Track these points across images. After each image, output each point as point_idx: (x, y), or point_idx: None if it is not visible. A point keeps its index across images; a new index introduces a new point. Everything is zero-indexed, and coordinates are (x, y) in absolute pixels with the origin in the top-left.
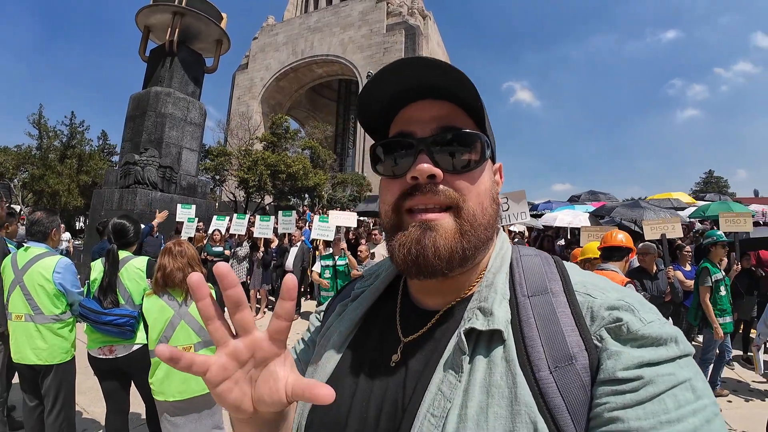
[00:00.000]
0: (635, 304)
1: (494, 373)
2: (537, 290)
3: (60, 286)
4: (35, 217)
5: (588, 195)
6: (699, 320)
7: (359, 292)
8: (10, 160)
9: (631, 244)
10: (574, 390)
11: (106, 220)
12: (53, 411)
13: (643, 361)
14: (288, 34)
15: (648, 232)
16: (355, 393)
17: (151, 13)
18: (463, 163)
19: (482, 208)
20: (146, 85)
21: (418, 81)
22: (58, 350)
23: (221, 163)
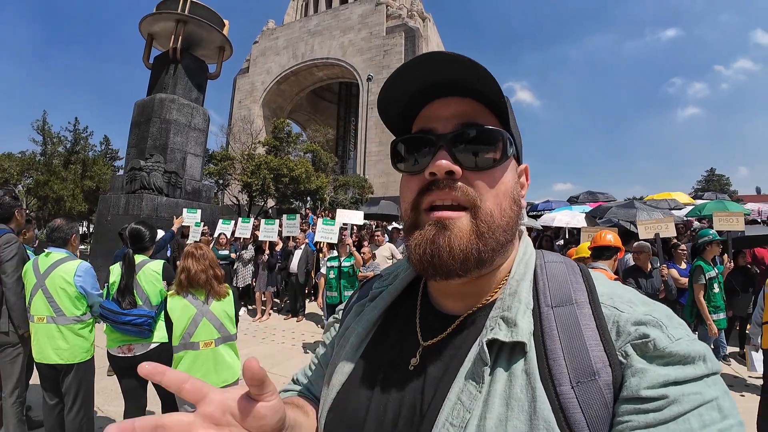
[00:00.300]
0: (663, 320)
1: (515, 386)
2: (561, 301)
3: (81, 289)
4: (55, 224)
5: (586, 195)
6: (694, 317)
7: (377, 292)
8: (14, 166)
9: (620, 244)
10: (596, 406)
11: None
12: (73, 408)
13: (669, 380)
14: (288, 37)
15: (642, 231)
16: (372, 395)
17: (155, 21)
18: (484, 160)
19: (501, 209)
20: (150, 91)
21: (438, 76)
22: (78, 350)
23: (225, 167)
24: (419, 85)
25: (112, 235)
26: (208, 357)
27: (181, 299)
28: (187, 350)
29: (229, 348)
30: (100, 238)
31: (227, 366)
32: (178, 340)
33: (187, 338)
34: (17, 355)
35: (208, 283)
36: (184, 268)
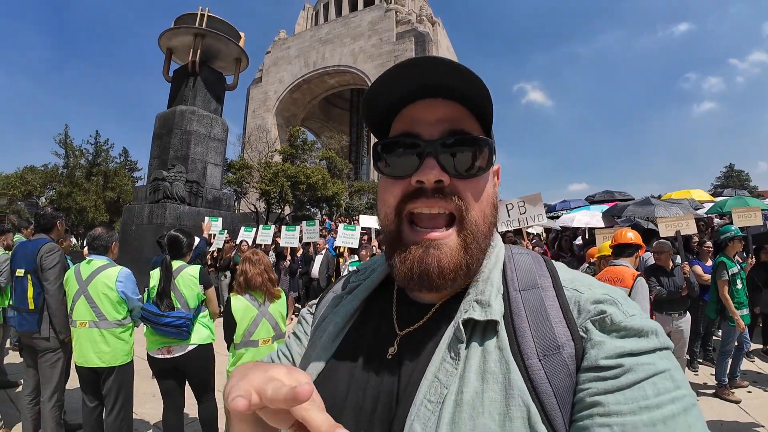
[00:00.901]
0: (619, 299)
1: (489, 361)
2: (528, 285)
3: (122, 294)
4: (96, 232)
5: (604, 194)
6: (717, 314)
7: (355, 285)
8: (37, 179)
9: (640, 241)
10: (561, 376)
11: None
12: (114, 410)
13: (625, 351)
14: (300, 46)
15: (663, 229)
16: (350, 383)
17: (174, 35)
18: (471, 169)
19: (484, 216)
20: (171, 104)
21: (428, 80)
22: (120, 353)
23: (243, 176)
24: (407, 88)
25: (137, 243)
26: (265, 353)
27: (243, 299)
28: (248, 348)
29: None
30: (124, 247)
31: None
32: (240, 338)
33: (248, 336)
34: (57, 360)
35: (264, 285)
36: (242, 271)
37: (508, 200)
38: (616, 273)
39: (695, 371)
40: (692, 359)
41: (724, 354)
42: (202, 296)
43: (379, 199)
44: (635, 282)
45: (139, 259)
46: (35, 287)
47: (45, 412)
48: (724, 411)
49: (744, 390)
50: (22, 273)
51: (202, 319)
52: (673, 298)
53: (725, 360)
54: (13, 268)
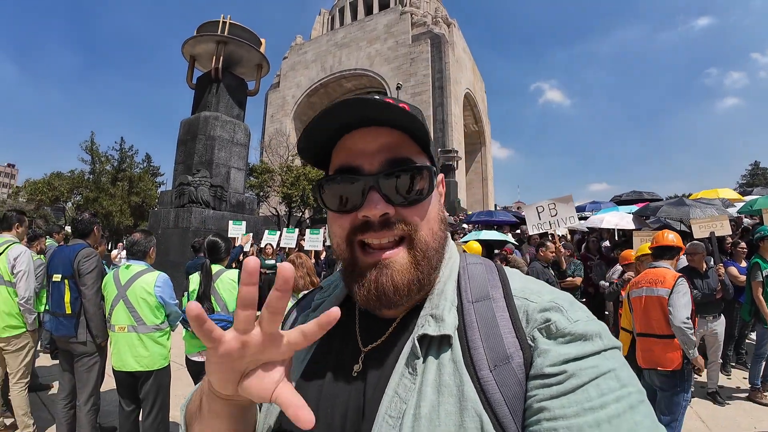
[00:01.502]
0: (564, 305)
1: (444, 374)
2: (480, 296)
3: (160, 299)
4: (135, 238)
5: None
6: (751, 316)
7: (319, 302)
8: (64, 185)
9: (681, 244)
10: (512, 386)
11: (202, 238)
12: (151, 414)
13: (569, 357)
14: (316, 51)
15: (697, 230)
16: (319, 400)
17: (197, 43)
18: (414, 196)
19: (432, 233)
20: (195, 110)
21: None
22: (158, 357)
23: (265, 180)
24: (338, 123)
25: (164, 247)
26: None
27: None
28: None
29: None
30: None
31: None
32: None
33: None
34: (94, 364)
35: (306, 288)
36: None
37: (539, 202)
38: (657, 274)
39: (728, 375)
40: (725, 362)
41: (758, 357)
42: None
43: (329, 230)
44: (676, 282)
45: (165, 262)
46: (72, 292)
47: (81, 416)
48: (758, 414)
49: None
50: (59, 278)
51: None
52: (707, 300)
53: (759, 363)
54: (49, 273)
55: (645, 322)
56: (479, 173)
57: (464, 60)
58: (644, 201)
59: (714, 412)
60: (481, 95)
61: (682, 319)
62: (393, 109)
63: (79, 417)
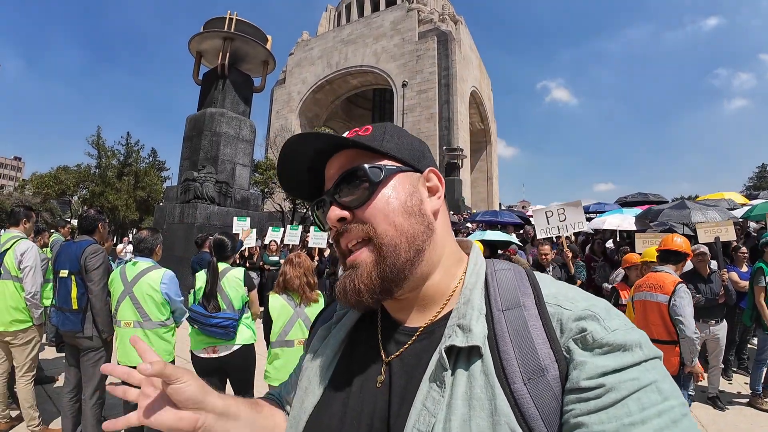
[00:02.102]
0: (601, 312)
1: (474, 387)
2: (510, 304)
3: (166, 296)
4: (141, 235)
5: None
6: (753, 321)
7: (342, 313)
8: (71, 179)
9: (689, 250)
10: (547, 399)
11: (205, 234)
12: None
13: (607, 369)
14: (322, 48)
15: (702, 235)
16: (345, 414)
17: (203, 39)
18: (359, 195)
19: (395, 226)
20: (201, 106)
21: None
22: (163, 352)
23: (270, 176)
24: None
25: (169, 243)
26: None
27: (280, 299)
28: (283, 347)
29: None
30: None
31: None
32: (276, 336)
33: (283, 336)
34: (99, 359)
35: (301, 288)
36: (282, 272)
37: (548, 207)
38: (658, 279)
39: (729, 380)
40: (726, 367)
41: (759, 363)
42: (245, 298)
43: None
44: (675, 288)
45: (170, 258)
46: (79, 288)
47: (86, 409)
48: (758, 420)
49: None
50: (66, 274)
51: (245, 320)
52: (710, 305)
53: (760, 369)
54: (56, 268)
55: (644, 326)
56: (484, 171)
57: (471, 58)
58: (649, 203)
59: (714, 417)
60: (488, 93)
61: (693, 329)
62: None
63: (84, 410)
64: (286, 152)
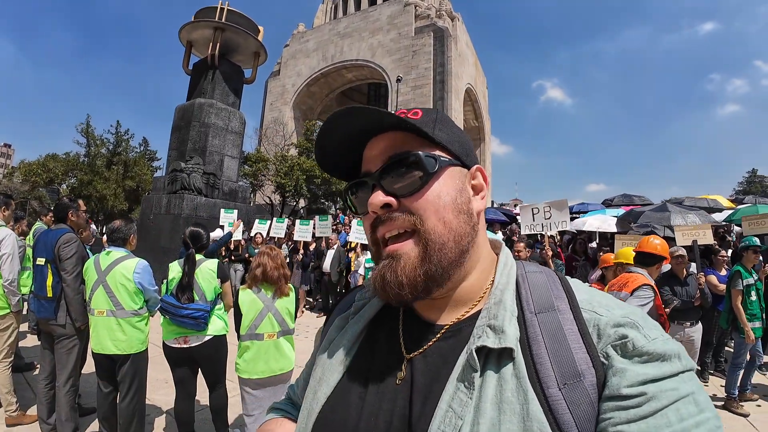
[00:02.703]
0: (639, 321)
1: (505, 390)
2: (544, 307)
3: (139, 285)
4: (115, 225)
5: (622, 198)
6: (729, 324)
7: (361, 304)
8: (59, 167)
9: (666, 254)
10: (583, 406)
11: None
12: (127, 396)
13: (648, 378)
14: (318, 40)
15: (680, 238)
16: (362, 408)
17: (194, 29)
18: (411, 184)
19: (444, 222)
20: (190, 96)
21: (354, 126)
22: (135, 341)
23: (259, 169)
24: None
25: (155, 233)
26: (270, 347)
27: (251, 293)
28: (253, 340)
29: (287, 341)
30: (143, 235)
31: (285, 356)
32: (245, 330)
33: (253, 329)
34: (73, 347)
35: (279, 281)
36: (260, 263)
37: (535, 204)
38: (627, 279)
39: (705, 382)
40: (703, 370)
41: (735, 366)
42: (218, 289)
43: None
44: (636, 289)
45: (157, 248)
46: (54, 276)
47: (60, 396)
48: (732, 424)
49: (753, 404)
50: (43, 261)
51: (217, 311)
52: (686, 307)
53: (736, 372)
54: (34, 256)
55: None
56: None
57: (467, 55)
58: (635, 205)
59: None
60: (483, 91)
61: None
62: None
63: (58, 397)
64: (330, 126)
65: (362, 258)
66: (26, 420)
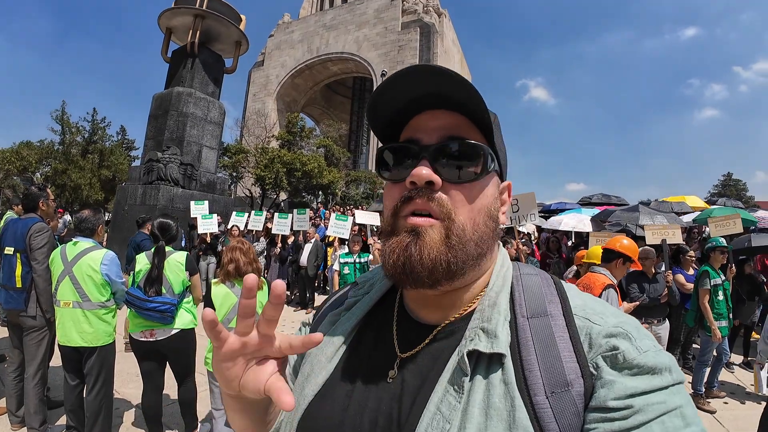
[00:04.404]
0: (632, 331)
1: (493, 396)
2: (536, 312)
3: (106, 276)
4: (83, 215)
5: (600, 197)
6: (696, 322)
7: (353, 301)
8: (33, 155)
9: (629, 252)
10: (569, 415)
11: (148, 216)
12: (94, 389)
13: (636, 391)
14: (303, 31)
15: (649, 237)
16: (348, 405)
17: (173, 15)
18: (464, 174)
19: (474, 223)
20: (168, 85)
21: (426, 88)
22: (102, 333)
23: (239, 160)
24: (408, 96)
25: (129, 224)
26: None
27: (224, 287)
28: None
29: None
30: (116, 227)
31: None
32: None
33: (226, 323)
34: (42, 339)
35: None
36: (232, 259)
37: None
38: (590, 280)
39: None
40: None
41: (701, 363)
42: (187, 282)
43: (384, 203)
44: (603, 291)
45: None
46: (24, 266)
47: (28, 388)
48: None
49: (720, 401)
50: (12, 251)
51: (185, 304)
52: (653, 305)
53: (702, 369)
54: (1, 245)
55: None
56: None
57: (453, 52)
58: (611, 205)
59: None
60: None
61: None
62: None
63: (26, 389)
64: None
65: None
66: None
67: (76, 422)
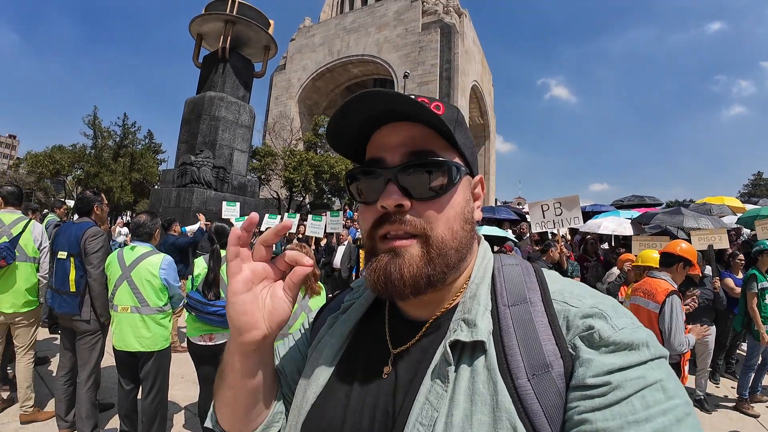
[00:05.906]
0: (608, 311)
1: (477, 382)
2: (516, 300)
3: (165, 281)
4: (140, 220)
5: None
6: (743, 327)
7: (348, 304)
8: (65, 158)
9: (690, 256)
10: (551, 396)
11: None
12: (150, 394)
13: (614, 368)
14: (324, 34)
15: (696, 242)
16: (348, 405)
17: (204, 21)
18: (432, 190)
19: (452, 232)
20: (200, 89)
21: (380, 107)
22: (159, 338)
23: (267, 163)
24: (365, 114)
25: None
26: None
27: None
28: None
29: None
30: None
31: None
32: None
33: (286, 329)
34: (96, 343)
35: (309, 280)
36: None
37: (544, 201)
38: (651, 286)
39: (717, 383)
40: (714, 371)
41: (747, 368)
42: None
43: (359, 224)
44: (665, 301)
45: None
46: (78, 270)
47: (81, 392)
48: (743, 425)
49: (764, 405)
50: (65, 255)
51: None
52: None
53: (748, 374)
54: (54, 249)
55: None
56: (482, 167)
57: (474, 52)
58: (645, 206)
59: (700, 419)
60: (488, 88)
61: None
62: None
63: (79, 394)
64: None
65: None
66: (41, 417)
67: (130, 426)
